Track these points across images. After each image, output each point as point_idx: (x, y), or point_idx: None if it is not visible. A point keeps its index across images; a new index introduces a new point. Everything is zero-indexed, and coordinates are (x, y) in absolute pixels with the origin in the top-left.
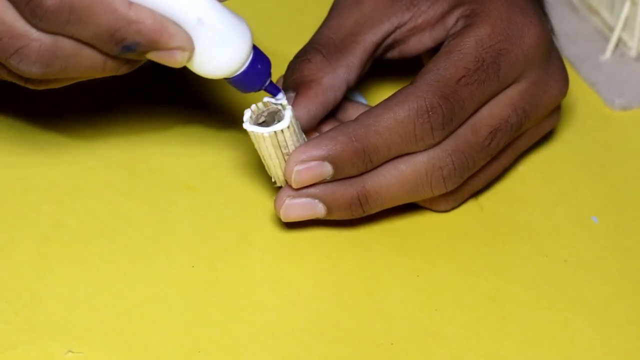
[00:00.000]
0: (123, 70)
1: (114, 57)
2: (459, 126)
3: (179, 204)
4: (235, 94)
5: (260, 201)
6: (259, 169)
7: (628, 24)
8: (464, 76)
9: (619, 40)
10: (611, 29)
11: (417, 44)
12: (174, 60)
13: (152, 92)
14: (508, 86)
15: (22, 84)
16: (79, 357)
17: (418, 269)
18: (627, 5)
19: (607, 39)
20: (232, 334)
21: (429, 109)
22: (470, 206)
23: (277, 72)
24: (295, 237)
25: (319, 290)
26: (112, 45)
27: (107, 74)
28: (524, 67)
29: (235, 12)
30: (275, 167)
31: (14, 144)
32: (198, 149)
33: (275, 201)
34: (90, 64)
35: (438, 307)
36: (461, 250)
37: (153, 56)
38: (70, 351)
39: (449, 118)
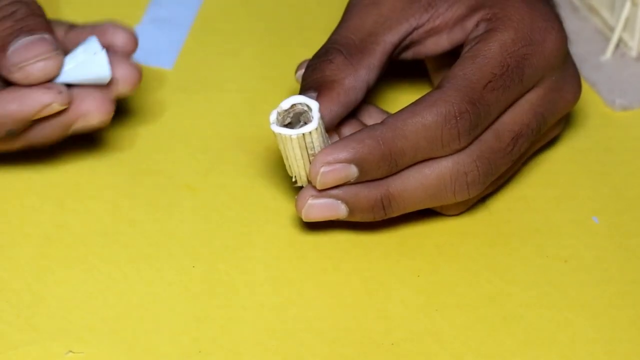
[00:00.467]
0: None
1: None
2: (483, 131)
3: (179, 204)
4: (236, 98)
5: (262, 202)
6: (260, 169)
7: (628, 24)
8: (490, 81)
9: (620, 41)
10: (612, 29)
11: (434, 45)
12: (54, 110)
13: (152, 93)
14: (528, 91)
15: None
16: (80, 357)
17: (418, 270)
18: (628, 5)
19: (607, 39)
20: (232, 335)
21: (457, 114)
22: (473, 207)
23: (280, 71)
24: (297, 238)
25: (320, 291)
26: None
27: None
28: (544, 71)
29: (236, 12)
30: (299, 168)
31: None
32: (198, 149)
33: (297, 200)
34: None
35: (438, 308)
36: (462, 251)
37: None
38: (70, 351)
39: (475, 124)
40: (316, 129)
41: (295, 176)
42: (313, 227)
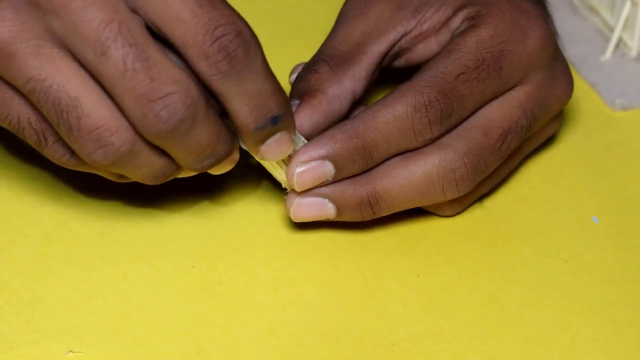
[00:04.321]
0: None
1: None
2: (464, 126)
3: (179, 204)
4: None
5: (262, 201)
6: (259, 169)
7: (628, 24)
8: (462, 73)
9: (620, 41)
10: (611, 29)
11: (424, 50)
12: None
13: None
14: (513, 88)
15: (60, 163)
16: (80, 357)
17: (419, 270)
18: (628, 5)
19: (607, 39)
20: (232, 335)
21: (427, 103)
22: (472, 207)
23: (279, 71)
24: (297, 238)
25: (320, 291)
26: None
27: (155, 182)
28: (528, 69)
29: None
30: (280, 174)
31: (15, 143)
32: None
33: (285, 201)
34: (153, 173)
35: (439, 308)
36: (462, 251)
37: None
38: (70, 351)
39: (447, 113)
40: None
41: (282, 183)
42: (312, 227)
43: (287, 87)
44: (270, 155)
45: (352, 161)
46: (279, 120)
